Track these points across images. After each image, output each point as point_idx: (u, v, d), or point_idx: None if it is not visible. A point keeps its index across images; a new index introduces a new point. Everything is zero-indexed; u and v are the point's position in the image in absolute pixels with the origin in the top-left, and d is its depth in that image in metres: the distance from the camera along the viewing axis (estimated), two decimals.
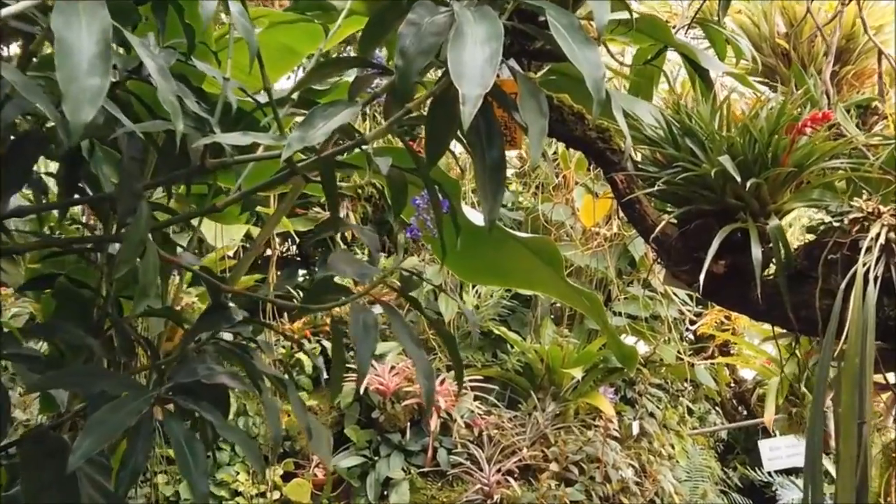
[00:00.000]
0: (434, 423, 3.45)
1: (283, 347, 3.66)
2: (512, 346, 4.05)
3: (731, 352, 4.72)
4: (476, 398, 3.71)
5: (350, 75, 1.73)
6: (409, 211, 1.43)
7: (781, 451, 3.97)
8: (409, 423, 3.53)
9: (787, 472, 4.54)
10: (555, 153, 4.07)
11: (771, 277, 1.46)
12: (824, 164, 1.41)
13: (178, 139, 1.13)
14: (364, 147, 1.30)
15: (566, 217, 3.95)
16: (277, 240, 4.64)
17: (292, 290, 3.45)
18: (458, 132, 1.27)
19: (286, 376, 1.45)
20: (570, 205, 3.93)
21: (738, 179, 1.35)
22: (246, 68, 1.67)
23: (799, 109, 1.48)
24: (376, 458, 3.52)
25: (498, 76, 1.51)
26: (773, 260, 1.44)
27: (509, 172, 5.12)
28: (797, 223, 2.48)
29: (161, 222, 1.36)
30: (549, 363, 3.88)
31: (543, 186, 4.22)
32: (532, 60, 1.49)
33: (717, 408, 5.17)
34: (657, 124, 1.53)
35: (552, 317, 4.33)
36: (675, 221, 1.50)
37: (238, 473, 3.32)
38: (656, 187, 1.44)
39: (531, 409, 3.77)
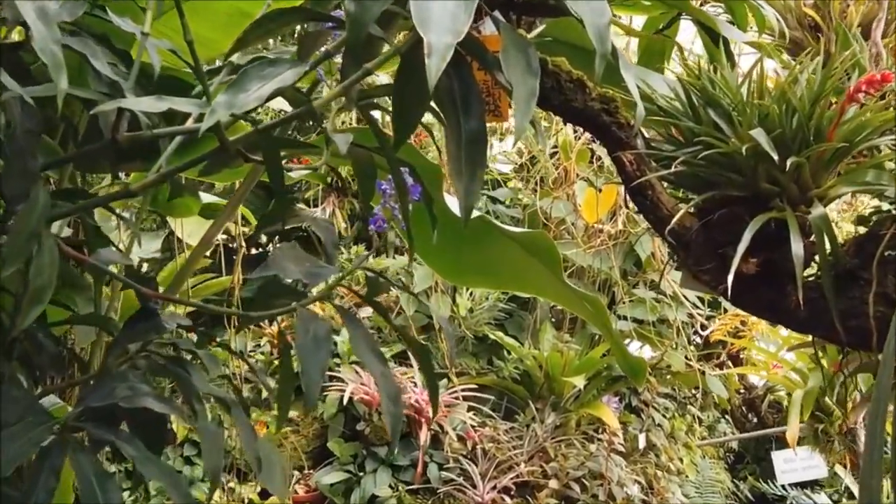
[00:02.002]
0: (424, 436, 3.22)
1: (262, 354, 3.42)
2: (509, 353, 3.82)
3: (741, 356, 4.49)
4: (470, 408, 3.48)
5: None
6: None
7: (796, 464, 3.77)
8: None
9: (802, 485, 4.31)
10: (555, 146, 3.82)
11: (812, 279, 1.21)
12: (878, 140, 1.15)
13: (60, 100, 0.90)
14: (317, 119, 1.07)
15: (567, 213, 3.70)
16: (263, 238, 4.40)
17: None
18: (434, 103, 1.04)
19: (232, 395, 1.21)
20: (571, 200, 3.68)
21: (776, 158, 1.09)
22: (196, 36, 1.40)
23: (843, 77, 1.22)
24: (362, 473, 3.29)
25: (479, 31, 1.26)
26: (817, 257, 1.18)
27: (507, 168, 4.87)
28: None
29: (60, 211, 1.11)
30: (548, 371, 3.65)
31: (543, 181, 3.97)
32: (522, 16, 1.24)
33: (726, 416, 4.94)
34: (673, 95, 1.28)
35: (552, 320, 4.09)
36: (695, 210, 1.25)
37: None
38: (672, 169, 1.18)
39: (529, 421, 3.55)
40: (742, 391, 4.97)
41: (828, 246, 1.14)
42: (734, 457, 4.97)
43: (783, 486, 4.20)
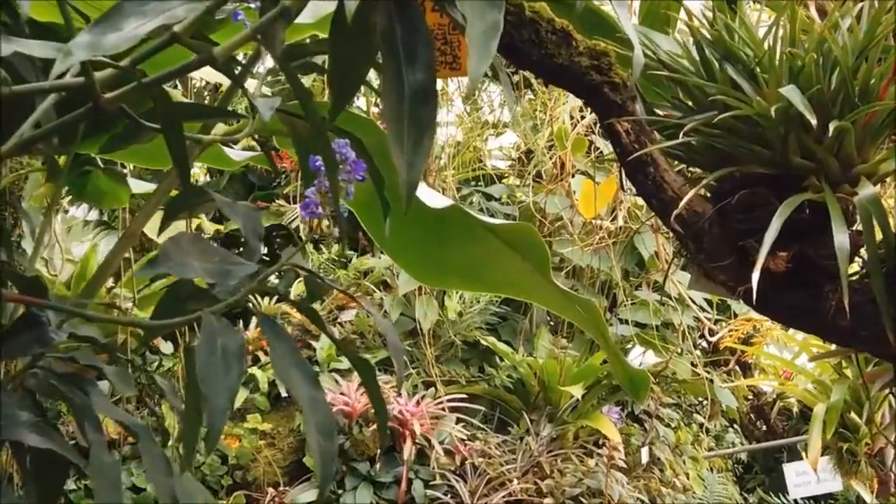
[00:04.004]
0: (408, 451, 2.98)
1: None
2: (501, 360, 3.58)
3: (750, 361, 4.26)
4: (459, 420, 3.24)
5: None
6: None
7: (810, 476, 3.55)
8: (379, 451, 3.06)
9: (815, 499, 4.08)
10: (551, 139, 3.58)
11: (856, 278, 0.97)
12: None
13: None
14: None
15: (561, 208, 3.45)
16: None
17: (255, 298, 2.97)
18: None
19: (141, 420, 0.98)
20: (568, 195, 3.44)
21: (813, 122, 0.85)
22: None
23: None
24: (341, 491, 3.04)
25: None
26: (863, 250, 0.94)
27: (504, 164, 4.62)
28: None
29: None
30: (544, 379, 3.41)
31: (540, 176, 3.73)
32: None
33: (734, 424, 4.71)
34: (680, 51, 1.03)
35: (550, 324, 3.84)
36: (709, 192, 1.01)
37: None
38: (680, 139, 0.94)
39: (523, 433, 3.31)
40: (750, 398, 4.74)
41: (879, 235, 0.90)
42: (742, 468, 4.73)
43: (795, 501, 3.96)
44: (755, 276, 0.85)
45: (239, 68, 1.15)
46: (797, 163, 0.92)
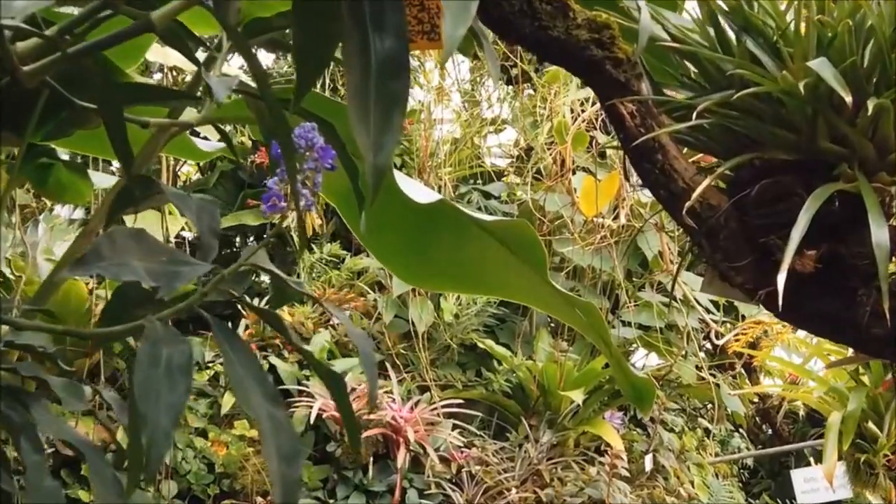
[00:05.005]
0: (402, 458, 2.88)
1: (222, 365, 3.07)
2: (500, 363, 3.49)
3: (755, 365, 4.16)
4: (455, 426, 3.15)
5: None
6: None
7: (818, 483, 3.45)
8: (372, 458, 2.97)
9: None
10: (551, 135, 3.47)
11: (891, 279, 0.85)
12: None
13: None
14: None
15: (563, 206, 3.35)
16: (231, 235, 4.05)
17: (241, 297, 2.85)
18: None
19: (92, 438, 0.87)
20: (569, 192, 3.34)
21: (848, 100, 0.74)
22: None
23: None
24: (332, 500, 2.96)
25: None
26: None
27: (504, 162, 4.51)
28: None
29: None
30: (544, 383, 3.33)
31: (541, 174, 3.62)
32: None
33: (739, 429, 4.62)
34: (692, 25, 0.92)
35: (550, 326, 3.74)
36: (725, 183, 0.89)
37: None
38: (692, 121, 0.82)
39: (522, 440, 3.23)
40: (756, 401, 4.65)
41: None
42: (748, 473, 4.64)
43: None
44: (781, 278, 0.74)
45: (208, 51, 1.03)
46: (826, 148, 0.81)
